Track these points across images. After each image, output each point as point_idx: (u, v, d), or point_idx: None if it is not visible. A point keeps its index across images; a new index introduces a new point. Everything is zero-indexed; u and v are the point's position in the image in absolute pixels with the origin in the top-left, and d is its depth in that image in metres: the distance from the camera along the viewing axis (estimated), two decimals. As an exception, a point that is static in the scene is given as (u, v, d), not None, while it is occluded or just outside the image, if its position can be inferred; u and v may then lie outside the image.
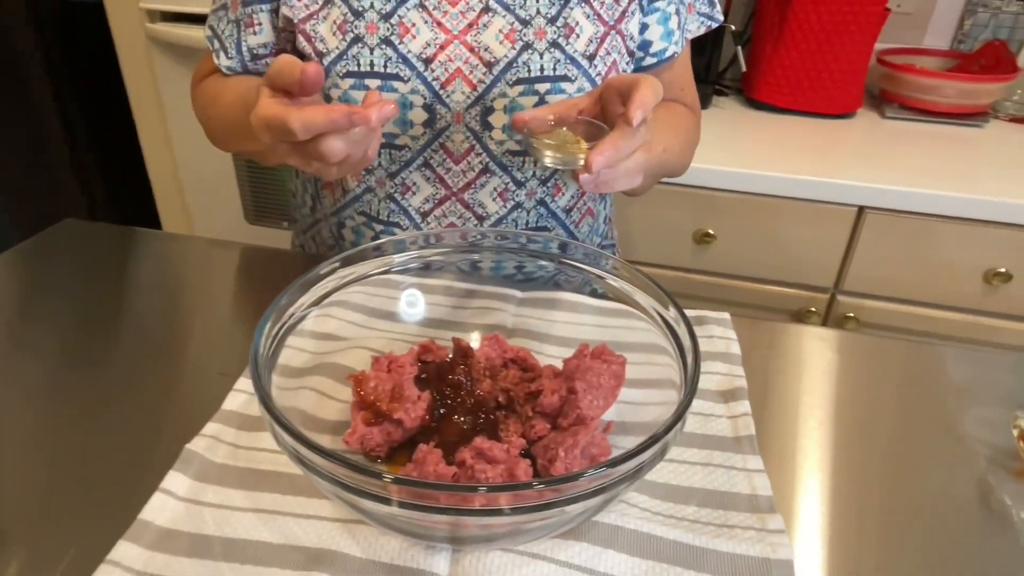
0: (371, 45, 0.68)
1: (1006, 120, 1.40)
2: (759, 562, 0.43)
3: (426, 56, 0.68)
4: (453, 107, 0.70)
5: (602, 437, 0.47)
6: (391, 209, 0.76)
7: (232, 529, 0.44)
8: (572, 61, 0.69)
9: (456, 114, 0.70)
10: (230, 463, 0.49)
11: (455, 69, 0.69)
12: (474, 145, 0.71)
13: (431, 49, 0.68)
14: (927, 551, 0.46)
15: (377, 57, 0.68)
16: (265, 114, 0.50)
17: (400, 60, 0.68)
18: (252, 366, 0.42)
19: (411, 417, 0.47)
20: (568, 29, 0.69)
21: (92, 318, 0.67)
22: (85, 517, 0.46)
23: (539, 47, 0.68)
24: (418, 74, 0.68)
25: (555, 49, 0.69)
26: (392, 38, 0.68)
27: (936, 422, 0.56)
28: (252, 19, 0.73)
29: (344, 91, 0.69)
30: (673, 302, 0.49)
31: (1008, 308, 1.15)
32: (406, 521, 0.39)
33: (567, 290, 0.62)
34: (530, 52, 0.68)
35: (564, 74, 0.69)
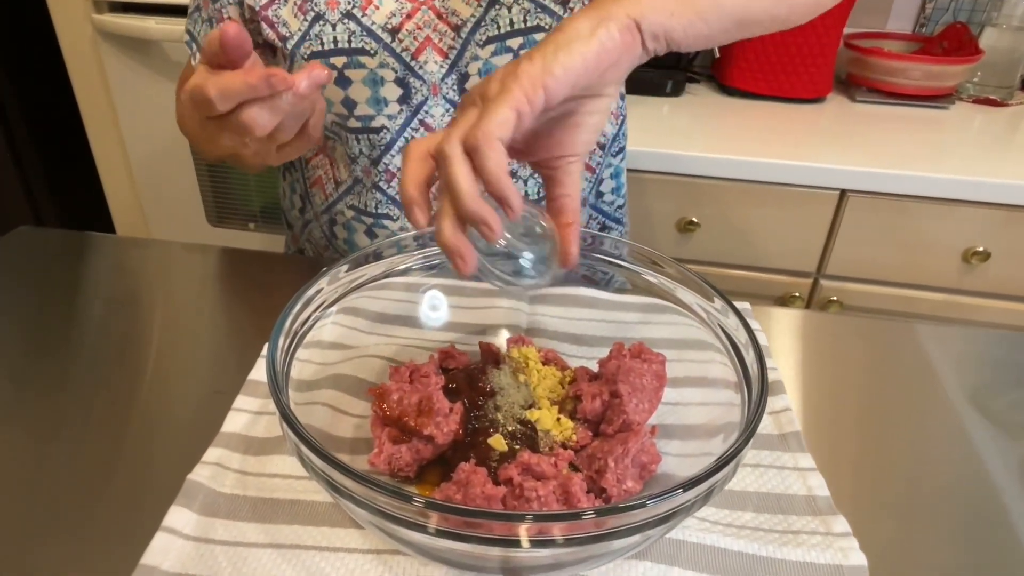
0: (332, 21, 0.63)
1: (969, 101, 1.42)
2: (832, 569, 0.40)
3: (392, 26, 0.64)
4: (428, 79, 0.65)
5: (651, 443, 0.44)
6: (378, 200, 0.71)
7: (250, 569, 0.39)
8: (543, 8, 0.64)
9: (432, 86, 0.65)
10: (239, 493, 0.44)
11: (424, 37, 0.64)
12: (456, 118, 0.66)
13: (397, 19, 0.64)
14: (1002, 545, 0.44)
15: (340, 32, 0.63)
16: (189, 87, 0.45)
17: (364, 33, 0.63)
18: (271, 383, 0.38)
19: (443, 432, 0.43)
20: None
21: (61, 335, 0.60)
22: (76, 563, 0.40)
23: (506, 0, 0.64)
24: (385, 46, 0.63)
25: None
26: (354, 11, 0.63)
27: (966, 407, 0.55)
28: (221, 14, 0.68)
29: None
30: (719, 294, 0.46)
31: (987, 286, 1.16)
32: (457, 553, 0.35)
33: (582, 284, 0.58)
34: (498, 7, 0.63)
35: (536, 24, 0.64)
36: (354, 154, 0.70)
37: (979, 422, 0.53)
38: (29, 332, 0.61)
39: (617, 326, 0.55)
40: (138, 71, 1.29)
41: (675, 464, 0.44)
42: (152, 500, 0.43)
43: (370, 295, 0.52)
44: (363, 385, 0.49)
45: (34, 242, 0.75)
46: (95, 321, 0.63)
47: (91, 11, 1.24)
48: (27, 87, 1.62)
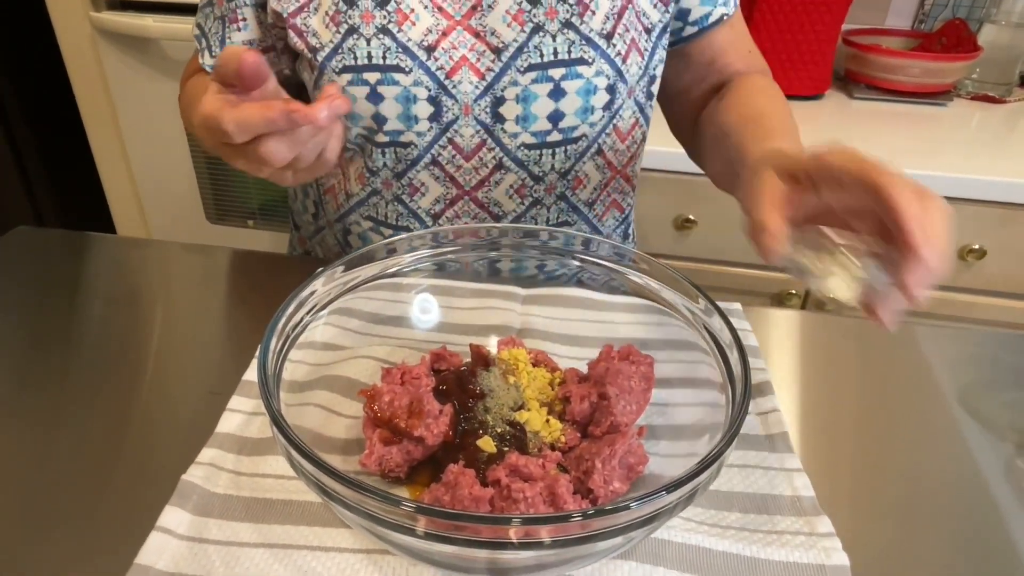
0: (367, 36, 0.62)
1: (968, 98, 1.42)
2: (814, 569, 0.41)
3: (428, 44, 0.62)
4: (461, 99, 0.64)
5: (638, 444, 0.44)
6: (399, 212, 0.70)
7: (243, 568, 0.40)
8: (588, 42, 0.63)
9: (464, 106, 0.64)
10: (233, 493, 0.44)
11: (460, 57, 0.63)
12: (486, 139, 0.66)
13: (433, 36, 0.62)
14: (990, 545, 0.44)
15: (375, 48, 0.62)
16: (203, 112, 0.45)
17: (400, 50, 0.62)
18: (262, 387, 0.38)
19: (433, 434, 0.43)
20: (582, 6, 0.63)
21: (60, 334, 0.61)
22: (70, 563, 0.41)
23: (551, 28, 0.63)
24: (420, 64, 0.62)
25: (568, 29, 0.63)
26: (390, 26, 0.62)
27: (958, 408, 0.55)
28: (236, 14, 0.67)
29: (342, 88, 0.63)
30: (704, 294, 0.47)
31: (983, 284, 1.17)
32: (445, 554, 0.36)
33: (573, 285, 0.59)
34: (542, 34, 0.62)
35: (580, 57, 0.63)
36: (377, 167, 0.69)
37: (971, 423, 0.54)
38: (28, 331, 0.61)
39: (607, 327, 0.55)
40: (137, 69, 1.29)
41: (662, 465, 0.45)
42: (147, 500, 0.44)
43: (363, 296, 0.52)
44: (355, 386, 0.50)
45: (34, 242, 0.76)
46: (94, 321, 0.64)
47: (90, 9, 1.25)
48: (26, 86, 1.63)
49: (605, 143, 0.70)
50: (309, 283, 0.47)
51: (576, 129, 0.67)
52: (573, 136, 0.67)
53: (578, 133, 0.67)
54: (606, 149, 0.70)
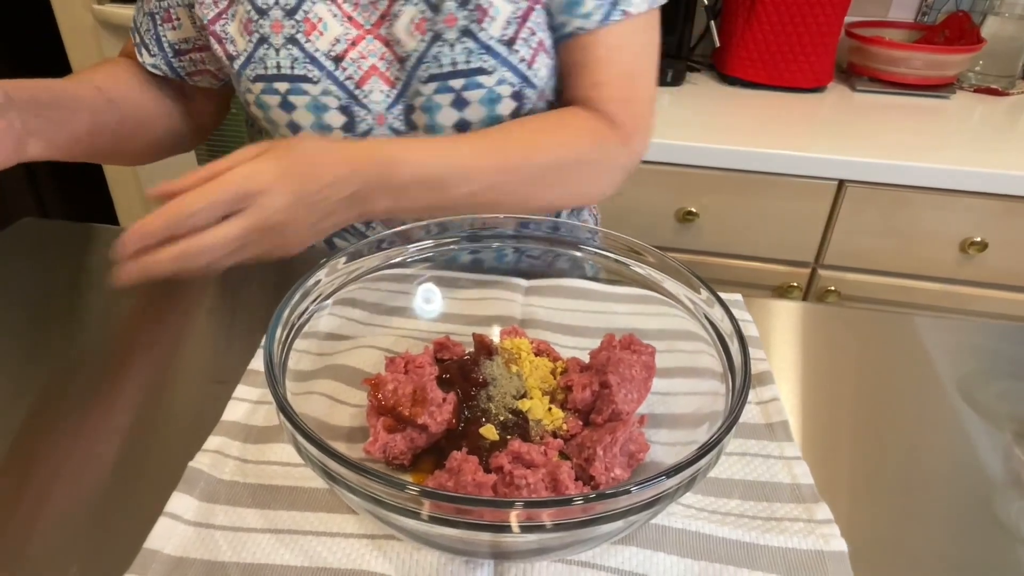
0: (276, 45, 0.62)
1: (970, 91, 1.42)
2: (813, 555, 0.41)
3: (335, 54, 0.62)
4: (373, 108, 0.64)
5: (639, 432, 0.45)
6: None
7: (250, 553, 0.41)
8: (487, 50, 0.60)
9: (378, 115, 0.64)
10: (239, 480, 0.45)
11: (370, 66, 0.62)
12: None
13: (341, 46, 0.62)
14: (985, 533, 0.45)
15: (283, 58, 0.62)
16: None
17: (307, 60, 0.62)
18: (268, 375, 0.39)
19: (437, 421, 0.44)
20: (480, 12, 0.59)
21: (63, 324, 0.62)
22: (80, 548, 0.42)
23: (449, 37, 0.60)
24: (328, 74, 0.62)
25: (467, 38, 0.60)
26: (298, 36, 0.62)
27: (957, 398, 0.56)
28: (170, 13, 0.68)
29: (256, 95, 0.64)
30: (705, 285, 0.47)
31: (984, 276, 1.17)
32: (449, 538, 0.36)
33: (575, 276, 0.59)
34: (440, 43, 0.60)
35: (479, 66, 0.61)
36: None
37: (969, 412, 0.54)
38: (34, 322, 0.62)
39: (609, 317, 0.56)
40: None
41: (663, 452, 0.46)
42: (154, 486, 0.44)
43: (367, 287, 0.53)
44: (359, 375, 0.50)
45: (39, 233, 0.76)
46: (99, 312, 0.64)
47: (92, 2, 1.25)
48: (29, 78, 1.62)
49: None
50: (313, 273, 0.48)
51: None
52: None
53: None
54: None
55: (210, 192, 0.46)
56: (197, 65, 0.72)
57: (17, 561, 0.41)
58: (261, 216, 0.49)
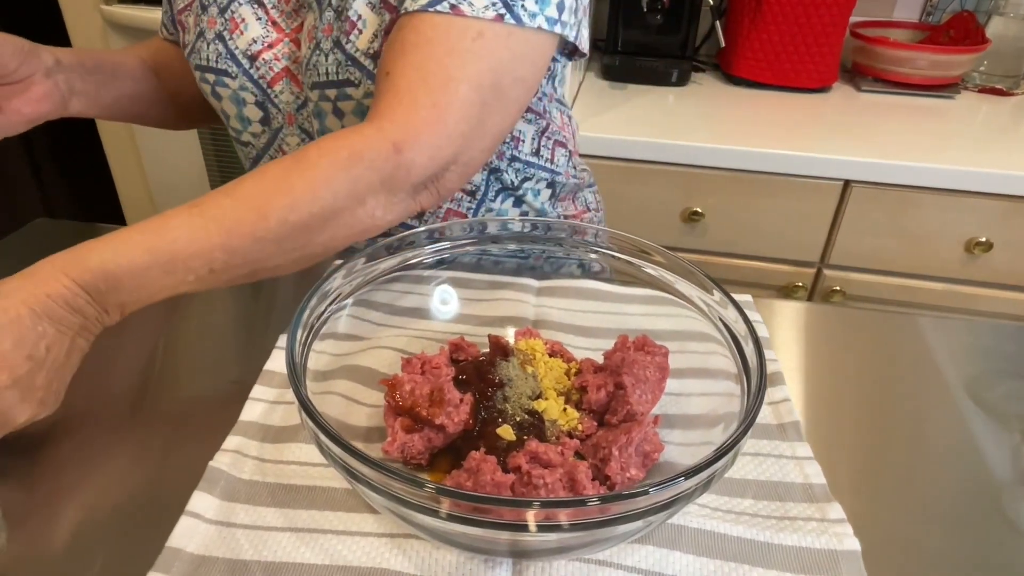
0: (208, 39, 0.67)
1: (975, 91, 1.43)
2: (826, 554, 0.42)
3: (251, 53, 0.66)
4: (283, 108, 0.68)
5: (654, 433, 0.45)
6: None
7: (271, 552, 0.41)
8: (353, 62, 0.60)
9: (287, 115, 0.69)
10: (258, 479, 0.46)
11: (282, 68, 0.67)
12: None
13: (257, 46, 0.66)
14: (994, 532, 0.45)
15: (211, 52, 0.67)
16: None
17: (228, 56, 0.67)
18: (291, 375, 0.39)
19: (454, 422, 0.44)
20: (349, 24, 0.59)
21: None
22: (103, 545, 0.42)
23: (325, 47, 0.61)
24: (244, 71, 0.67)
25: (337, 49, 0.61)
26: (224, 33, 0.67)
27: (964, 398, 0.56)
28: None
29: (198, 82, 0.70)
30: (718, 286, 0.48)
31: (988, 276, 1.18)
32: (468, 537, 0.37)
33: (586, 277, 0.60)
34: (319, 52, 0.62)
35: (347, 78, 0.62)
36: (240, 159, 0.77)
37: (976, 412, 0.55)
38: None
39: (621, 318, 0.56)
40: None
41: (677, 453, 0.46)
42: (177, 483, 0.45)
43: (382, 288, 0.53)
44: (375, 375, 0.51)
45: (51, 234, 0.77)
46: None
47: (100, 2, 1.26)
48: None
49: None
50: (331, 275, 0.48)
51: None
52: None
53: None
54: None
55: None
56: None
57: (42, 559, 0.41)
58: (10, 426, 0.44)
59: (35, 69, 0.62)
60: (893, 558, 0.43)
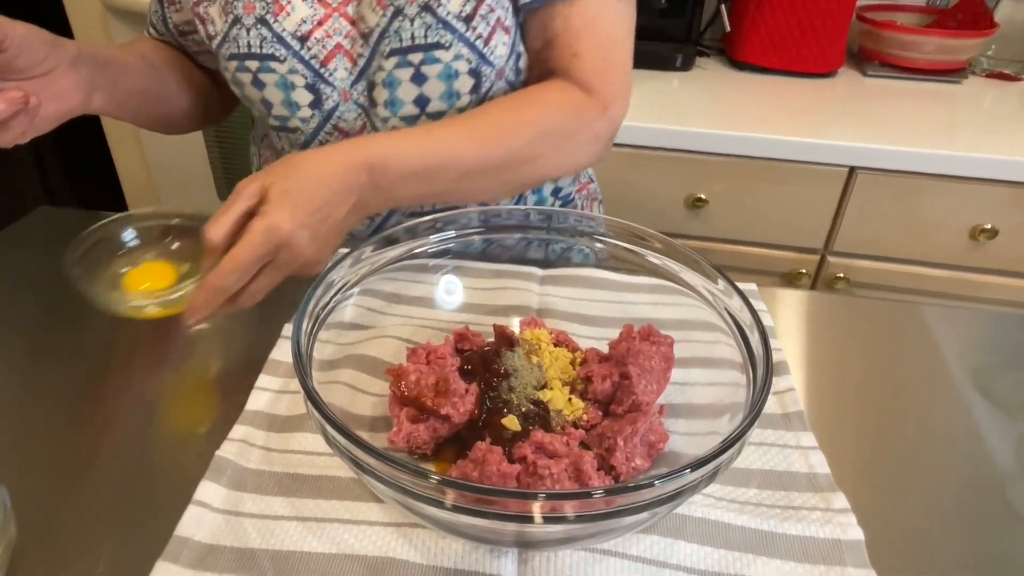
0: (247, 25, 0.65)
1: (983, 76, 1.41)
2: (830, 543, 0.42)
3: (301, 34, 0.64)
4: (338, 85, 0.66)
5: (659, 423, 0.46)
6: None
7: (279, 541, 0.41)
8: (445, 25, 0.62)
9: (342, 92, 0.67)
10: (265, 468, 0.46)
11: (335, 45, 0.65)
12: (366, 122, 0.68)
13: (307, 26, 0.64)
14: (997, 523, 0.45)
15: (253, 38, 0.65)
16: None
17: (275, 39, 0.64)
18: (297, 367, 0.39)
19: (460, 412, 0.44)
20: None
21: (81, 314, 0.62)
22: (111, 534, 0.43)
23: (409, 12, 0.62)
24: (294, 53, 0.65)
25: (426, 13, 0.61)
26: (267, 16, 0.64)
27: (969, 388, 0.56)
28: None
29: (232, 73, 0.68)
30: (723, 275, 0.47)
31: (993, 264, 1.17)
32: (474, 527, 0.37)
33: (590, 266, 0.60)
34: (401, 19, 0.62)
35: (436, 41, 0.62)
36: (279, 148, 0.74)
37: (980, 402, 0.55)
38: (52, 311, 0.63)
39: (626, 307, 0.56)
40: (149, 47, 1.29)
41: (682, 443, 0.46)
42: (184, 471, 0.45)
43: (387, 277, 0.53)
44: (381, 365, 0.51)
45: (54, 222, 0.77)
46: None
47: (100, -13, 1.25)
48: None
49: None
50: (337, 265, 0.48)
51: (444, 114, 0.67)
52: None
53: (447, 117, 0.67)
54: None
55: (242, 262, 0.50)
56: (200, 45, 0.75)
57: (51, 548, 0.42)
58: (293, 265, 0.53)
59: (60, 61, 0.58)
60: (896, 547, 0.43)
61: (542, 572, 0.40)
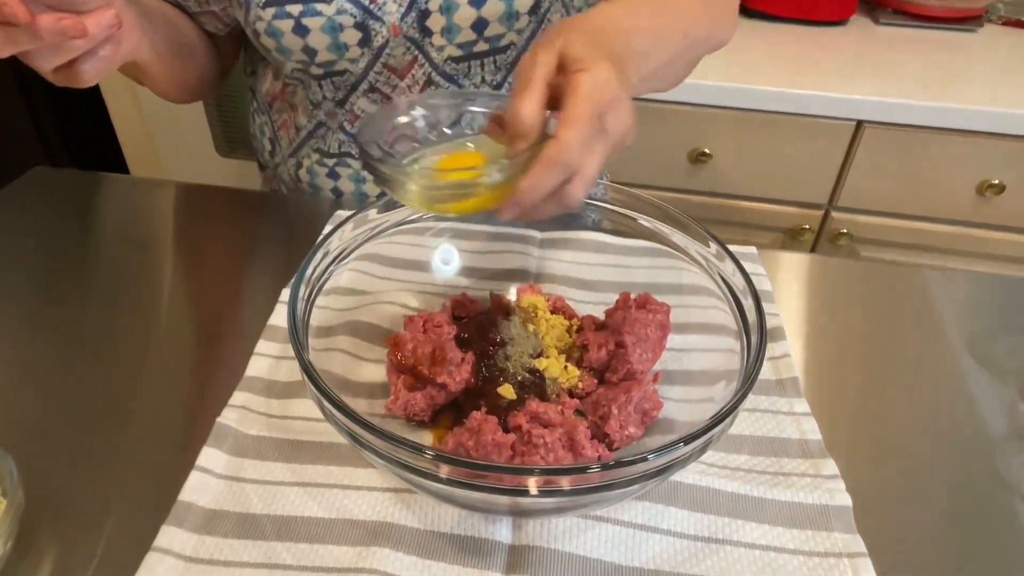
0: None
1: (999, 24, 1.37)
2: (818, 509, 0.43)
3: None
4: (387, 19, 0.64)
5: (653, 391, 0.46)
6: (341, 140, 0.72)
7: (280, 506, 0.43)
8: None
9: (392, 27, 0.64)
10: (265, 435, 0.47)
11: None
12: (416, 56, 0.66)
13: None
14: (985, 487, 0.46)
15: None
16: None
17: None
18: (293, 339, 0.40)
19: (456, 380, 0.45)
20: None
21: (82, 276, 0.63)
22: (115, 498, 0.44)
23: None
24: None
25: None
26: None
27: (965, 353, 0.57)
28: None
29: (268, 22, 0.63)
30: (714, 238, 0.47)
31: (999, 219, 1.16)
32: (468, 499, 0.38)
33: (589, 229, 0.59)
34: None
35: None
36: (317, 99, 0.71)
37: (975, 368, 0.55)
38: (51, 274, 0.63)
39: (623, 271, 0.56)
40: None
41: (676, 409, 0.47)
42: (185, 437, 0.46)
43: (384, 241, 0.53)
44: (378, 331, 0.51)
45: (50, 182, 0.76)
46: (116, 264, 0.65)
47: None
48: None
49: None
50: (334, 231, 0.48)
51: (503, 38, 0.66)
52: (500, 45, 0.67)
53: (505, 42, 0.67)
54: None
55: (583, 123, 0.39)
56: (201, 6, 0.70)
57: (59, 513, 0.43)
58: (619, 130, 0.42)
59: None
60: (884, 513, 0.44)
61: (536, 537, 0.41)
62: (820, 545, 0.41)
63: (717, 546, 0.41)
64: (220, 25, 0.72)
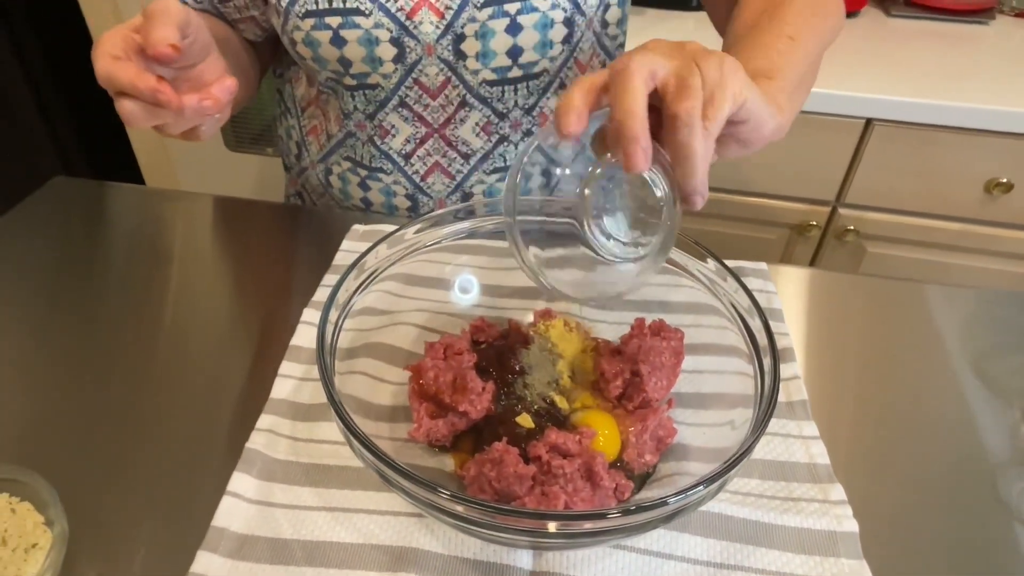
0: None
1: (1012, 16, 1.36)
2: (826, 535, 0.44)
3: None
4: (422, 39, 0.65)
5: (667, 418, 0.48)
6: (372, 154, 0.73)
7: (309, 531, 0.44)
8: None
9: (427, 46, 0.65)
10: (293, 459, 0.48)
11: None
12: (450, 77, 0.67)
13: None
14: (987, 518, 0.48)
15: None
16: (101, 38, 0.46)
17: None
18: (321, 370, 0.41)
19: (476, 409, 0.46)
20: None
21: (108, 292, 0.64)
22: (153, 523, 0.45)
23: None
24: (380, 6, 0.63)
25: None
26: None
27: (968, 373, 0.58)
28: None
29: (306, 32, 0.64)
30: (712, 255, 0.48)
31: (1007, 217, 1.16)
32: (490, 535, 0.40)
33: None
34: None
35: None
36: (349, 109, 0.71)
37: (979, 388, 0.56)
38: (68, 283, 0.64)
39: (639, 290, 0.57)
40: None
41: (690, 435, 0.48)
42: (214, 461, 0.48)
43: (406, 262, 0.54)
44: (397, 353, 0.53)
45: (70, 192, 0.77)
46: (133, 273, 0.66)
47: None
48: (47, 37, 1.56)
49: (568, 77, 0.70)
50: (368, 252, 0.49)
51: (536, 64, 0.67)
52: (534, 72, 0.68)
53: (539, 68, 0.68)
54: (569, 84, 0.70)
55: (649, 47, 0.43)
56: (241, 12, 0.71)
57: (100, 541, 0.44)
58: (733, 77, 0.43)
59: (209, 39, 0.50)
60: (888, 537, 0.45)
61: (556, 564, 0.43)
62: (828, 571, 0.43)
63: (729, 572, 0.43)
64: (259, 31, 0.73)
